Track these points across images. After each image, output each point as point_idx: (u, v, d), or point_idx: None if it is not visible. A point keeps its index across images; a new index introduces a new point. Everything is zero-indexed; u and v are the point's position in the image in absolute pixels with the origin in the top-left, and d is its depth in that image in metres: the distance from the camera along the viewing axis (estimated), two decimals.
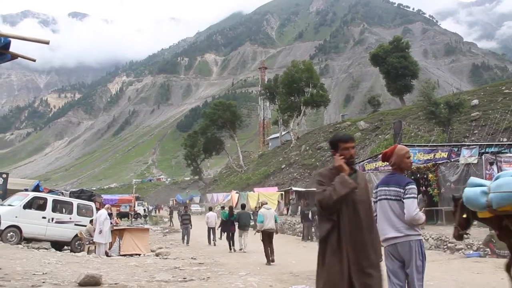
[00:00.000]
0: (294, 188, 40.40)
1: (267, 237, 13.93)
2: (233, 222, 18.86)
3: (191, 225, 22.60)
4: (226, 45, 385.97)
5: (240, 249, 17.86)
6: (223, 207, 22.32)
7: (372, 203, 4.87)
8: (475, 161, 19.75)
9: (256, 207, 34.17)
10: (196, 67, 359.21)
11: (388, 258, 4.78)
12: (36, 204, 16.84)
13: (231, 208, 20.80)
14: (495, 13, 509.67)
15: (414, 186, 4.82)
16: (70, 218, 17.81)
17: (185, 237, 22.18)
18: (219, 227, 20.70)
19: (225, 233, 19.43)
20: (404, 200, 4.75)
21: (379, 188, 5.01)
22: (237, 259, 15.33)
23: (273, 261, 13.53)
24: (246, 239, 17.93)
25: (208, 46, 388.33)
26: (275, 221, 14.45)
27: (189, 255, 15.97)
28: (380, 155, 5.32)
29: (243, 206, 20.57)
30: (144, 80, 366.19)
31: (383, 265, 4.35)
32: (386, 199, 4.88)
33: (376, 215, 4.90)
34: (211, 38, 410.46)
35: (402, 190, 4.79)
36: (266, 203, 15.73)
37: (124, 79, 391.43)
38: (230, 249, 18.32)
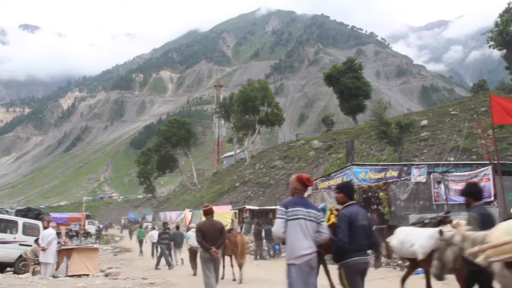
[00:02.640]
0: (248, 207, 40.32)
1: (193, 253, 16.50)
2: (171, 242, 20.77)
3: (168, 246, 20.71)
4: (182, 63, 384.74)
5: (177, 264, 19.99)
6: (188, 228, 22.67)
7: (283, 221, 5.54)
8: (424, 180, 20.20)
9: None
10: (151, 84, 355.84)
11: (298, 272, 5.36)
12: None
13: (168, 229, 23.03)
14: (442, 37, 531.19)
15: None
16: (15, 238, 17.11)
17: (160, 261, 19.70)
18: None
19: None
20: (323, 223, 5.67)
21: (296, 208, 5.53)
22: (188, 278, 15.08)
23: (195, 274, 15.71)
24: (181, 255, 20.42)
25: (164, 63, 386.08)
26: None
27: (140, 275, 15.56)
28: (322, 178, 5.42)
29: (177, 227, 22.95)
30: (97, 96, 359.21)
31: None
32: (305, 219, 5.50)
33: (285, 232, 5.49)
34: (166, 55, 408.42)
35: (320, 214, 5.70)
36: (194, 227, 18.02)
37: (76, 94, 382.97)
38: (170, 265, 19.97)
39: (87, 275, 15.52)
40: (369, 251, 5.78)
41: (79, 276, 15.16)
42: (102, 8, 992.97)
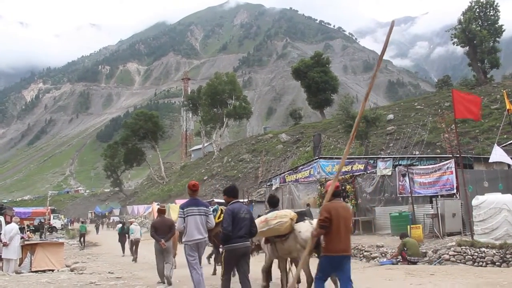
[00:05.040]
0: (216, 200, 40.18)
1: (134, 243, 19.95)
2: (125, 234, 23.66)
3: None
4: (149, 55, 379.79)
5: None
6: (130, 223, 24.01)
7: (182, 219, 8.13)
8: (389, 173, 20.56)
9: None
10: (118, 76, 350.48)
11: (192, 250, 8.06)
12: None
13: (123, 223, 26.81)
14: (409, 33, 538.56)
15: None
16: None
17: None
18: (119, 240, 25.02)
19: (120, 242, 24.52)
20: (210, 216, 8.41)
21: (189, 208, 8.19)
22: (155, 272, 15.00)
23: (135, 260, 19.16)
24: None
25: (131, 55, 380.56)
26: (140, 234, 20.62)
27: (106, 270, 15.42)
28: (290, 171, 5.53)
29: (130, 222, 24.73)
30: (62, 87, 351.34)
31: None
32: (198, 214, 8.17)
33: (185, 225, 8.06)
34: (133, 47, 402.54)
35: (208, 209, 8.43)
36: (135, 222, 22.76)
37: (40, 86, 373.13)
38: (123, 253, 23.32)
39: (52, 270, 15.28)
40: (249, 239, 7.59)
41: (43, 271, 14.91)
42: None
